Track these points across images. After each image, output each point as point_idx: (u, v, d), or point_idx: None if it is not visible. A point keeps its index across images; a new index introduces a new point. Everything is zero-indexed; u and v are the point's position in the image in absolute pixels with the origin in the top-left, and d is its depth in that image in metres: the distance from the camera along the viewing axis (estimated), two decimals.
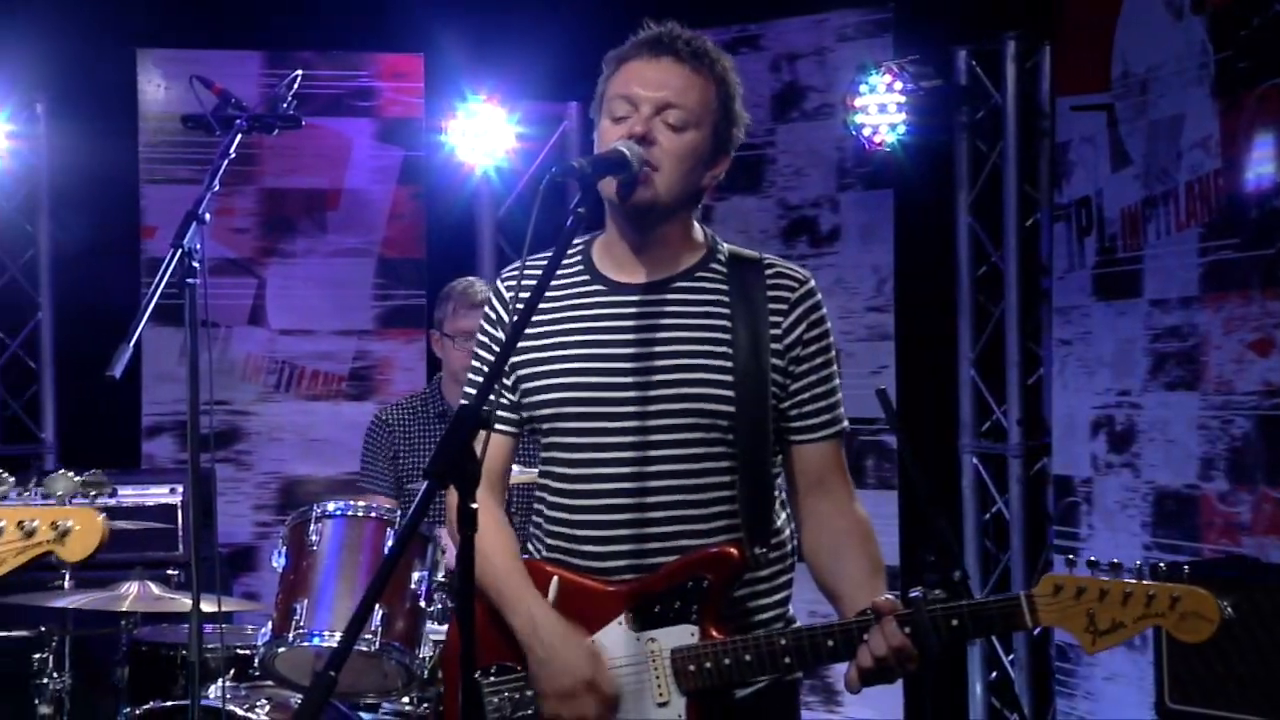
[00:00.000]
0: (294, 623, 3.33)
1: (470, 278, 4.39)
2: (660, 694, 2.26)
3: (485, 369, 2.40)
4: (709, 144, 2.31)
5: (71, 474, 2.12)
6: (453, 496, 2.09)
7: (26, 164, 5.58)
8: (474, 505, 1.82)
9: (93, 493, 2.13)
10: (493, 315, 2.44)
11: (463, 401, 2.26)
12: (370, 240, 5.63)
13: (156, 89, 5.42)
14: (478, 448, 1.86)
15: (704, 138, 2.30)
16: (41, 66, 5.35)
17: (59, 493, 2.11)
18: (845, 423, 2.41)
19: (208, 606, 3.02)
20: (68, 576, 3.72)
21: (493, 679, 2.33)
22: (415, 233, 5.65)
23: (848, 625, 2.23)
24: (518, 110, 5.65)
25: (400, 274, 5.64)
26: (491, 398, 2.01)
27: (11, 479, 2.12)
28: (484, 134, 5.63)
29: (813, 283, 2.39)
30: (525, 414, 2.40)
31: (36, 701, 3.61)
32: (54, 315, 5.71)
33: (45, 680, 3.61)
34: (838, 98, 5.14)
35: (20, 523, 2.09)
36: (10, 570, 2.12)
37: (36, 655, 3.63)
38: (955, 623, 2.19)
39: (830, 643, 2.23)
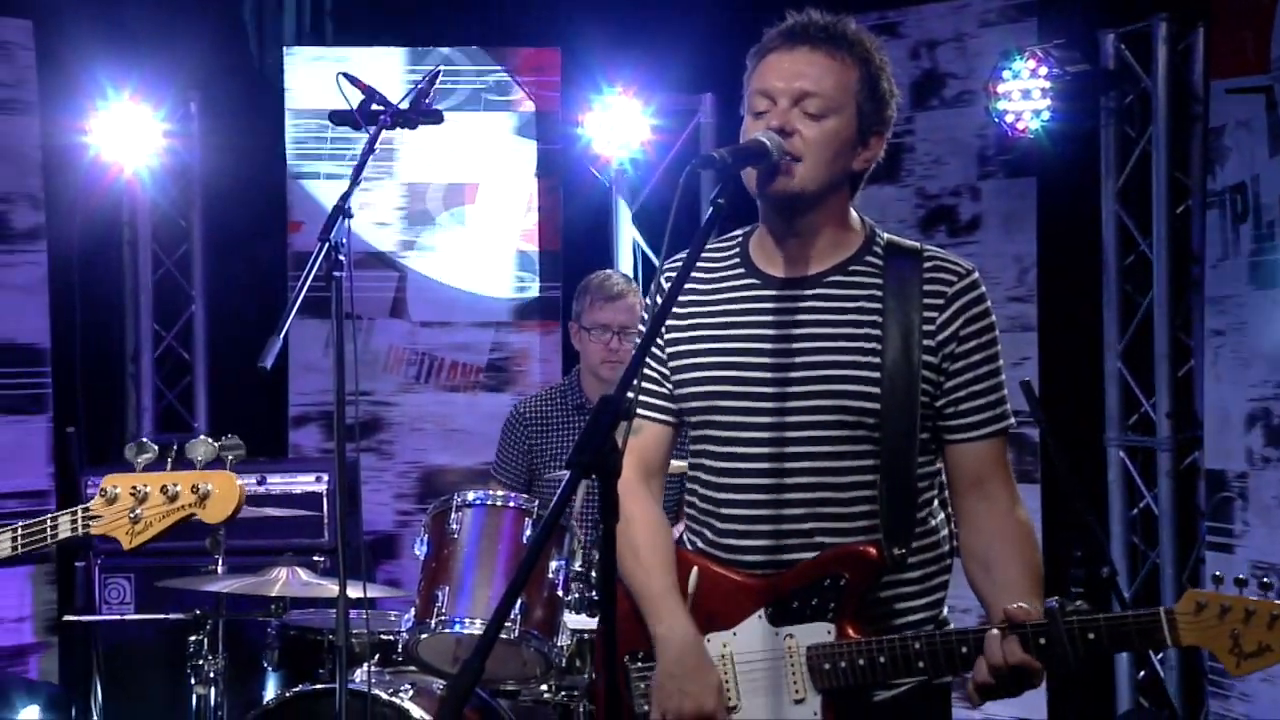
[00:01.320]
0: (436, 610, 3.38)
1: (607, 270, 4.40)
2: (796, 691, 2.24)
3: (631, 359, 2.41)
4: (853, 128, 2.27)
5: (209, 440, 2.18)
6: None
7: (181, 161, 5.78)
8: (616, 496, 1.82)
9: (229, 457, 2.18)
10: (652, 306, 2.45)
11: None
12: (508, 233, 5.69)
13: (302, 86, 5.56)
14: (619, 438, 1.87)
15: (846, 122, 2.26)
16: (195, 66, 5.54)
17: (199, 458, 2.17)
18: (1009, 421, 2.34)
19: (353, 592, 3.09)
20: (220, 561, 3.83)
21: (640, 665, 2.34)
22: (552, 225, 5.69)
23: (981, 632, 2.17)
24: (653, 102, 5.66)
25: (537, 266, 5.69)
26: (634, 387, 2.00)
27: (156, 448, 2.19)
28: (619, 126, 5.66)
29: (975, 275, 2.33)
30: (679, 405, 2.40)
31: (193, 681, 3.72)
32: (206, 308, 5.90)
33: (201, 661, 3.72)
34: (979, 84, 5.04)
35: (164, 487, 2.16)
36: (157, 533, 2.18)
37: (193, 637, 3.74)
38: (1091, 636, 2.12)
39: (964, 649, 2.18)
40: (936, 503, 2.36)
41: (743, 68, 2.35)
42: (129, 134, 5.58)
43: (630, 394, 1.94)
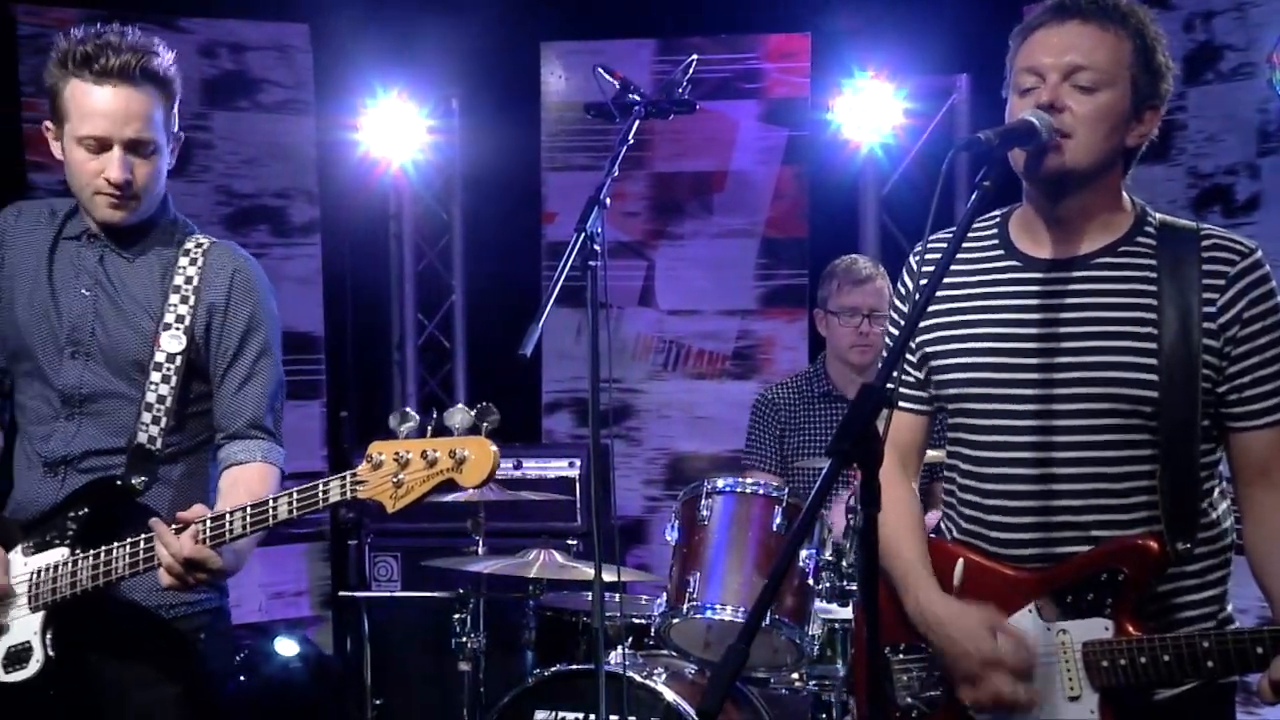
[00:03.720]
0: (688, 595, 3.41)
1: (853, 255, 4.35)
2: (1071, 688, 2.16)
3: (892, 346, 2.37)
4: (1126, 102, 2.18)
5: (466, 408, 2.25)
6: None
7: (443, 156, 6.01)
8: (877, 485, 1.80)
9: (485, 424, 2.24)
10: (903, 292, 2.41)
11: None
12: (754, 221, 5.68)
13: (558, 80, 5.69)
14: (880, 426, 1.84)
15: (1120, 96, 2.17)
16: (456, 64, 5.74)
17: (456, 425, 2.24)
18: None
19: (607, 576, 3.15)
20: (480, 543, 3.97)
21: (901, 657, 2.31)
22: (798, 212, 5.66)
23: (1278, 631, 2.06)
24: (905, 85, 5.55)
25: (783, 253, 5.66)
26: (895, 373, 1.98)
27: (418, 416, 2.27)
28: (870, 111, 5.57)
29: (1258, 254, 2.21)
30: (933, 392, 2.35)
31: (458, 658, 3.87)
32: (465, 297, 6.13)
33: (464, 638, 3.87)
34: (1261, 56, 4.74)
35: (424, 453, 2.24)
36: (418, 497, 2.26)
37: (456, 615, 3.89)
38: None
39: (1259, 649, 2.06)
40: (1217, 493, 2.25)
41: (1001, 46, 2.29)
42: (396, 131, 5.85)
43: (891, 382, 1.90)
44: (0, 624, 2.46)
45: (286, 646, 4.98)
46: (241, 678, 4.79)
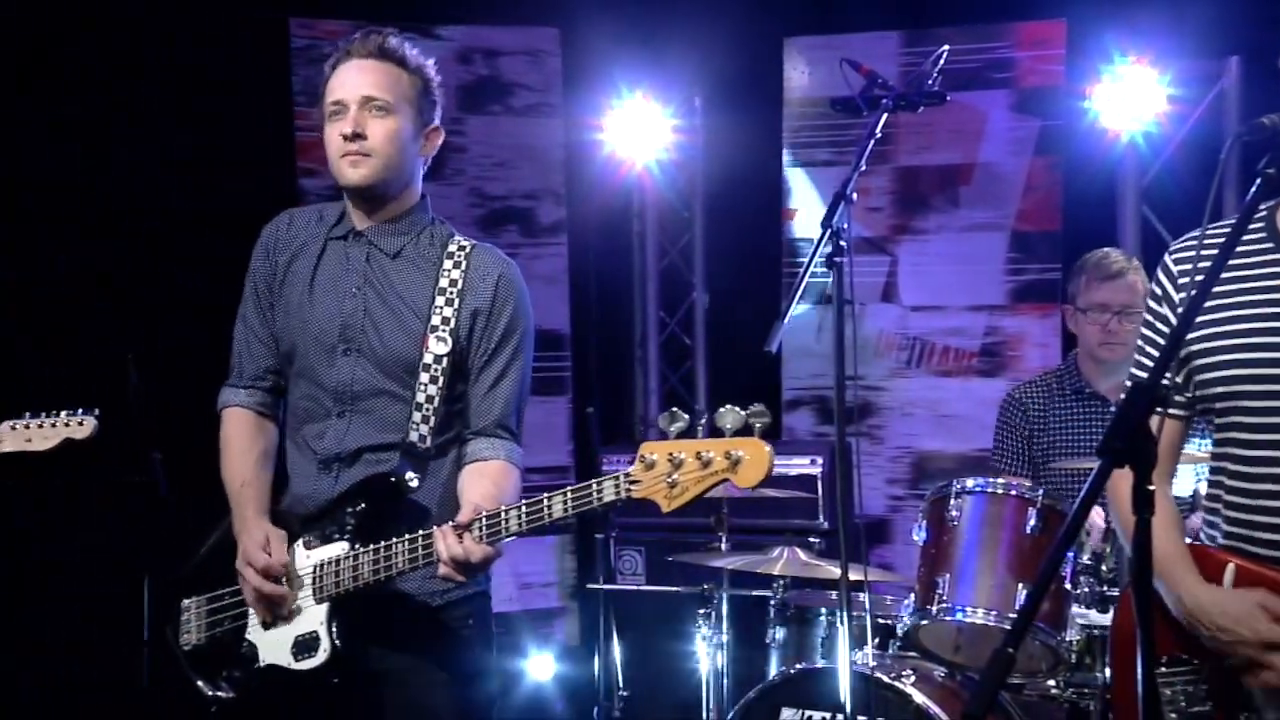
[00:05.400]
0: (937, 596, 3.36)
1: (1105, 249, 4.19)
2: None
3: (1153, 346, 2.27)
4: None
5: (737, 408, 2.25)
6: (1117, 479, 2.00)
7: (686, 154, 6.07)
8: (1151, 487, 1.72)
9: (757, 424, 2.25)
10: (1158, 291, 2.30)
11: (1134, 373, 2.14)
12: (1003, 214, 5.52)
13: (800, 75, 5.66)
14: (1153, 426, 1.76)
15: None
16: (700, 63, 5.79)
17: (728, 426, 2.25)
18: None
19: (853, 575, 3.12)
20: (724, 539, 3.99)
21: (1164, 669, 2.21)
22: (1051, 205, 5.47)
23: None
24: (1169, 70, 5.29)
25: (1034, 247, 5.49)
26: (1169, 372, 1.89)
27: (687, 417, 2.29)
28: (1131, 98, 5.33)
29: None
30: (1196, 393, 2.24)
31: (701, 652, 3.90)
32: (706, 295, 6.17)
33: (708, 633, 3.90)
34: None
35: (698, 454, 2.26)
36: (693, 498, 2.28)
37: (700, 610, 3.92)
38: None
39: None
40: None
41: (1275, 26, 2.14)
42: (640, 131, 5.94)
43: (1165, 380, 1.82)
44: (290, 613, 2.60)
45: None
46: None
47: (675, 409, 2.32)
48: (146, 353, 3.24)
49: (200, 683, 2.67)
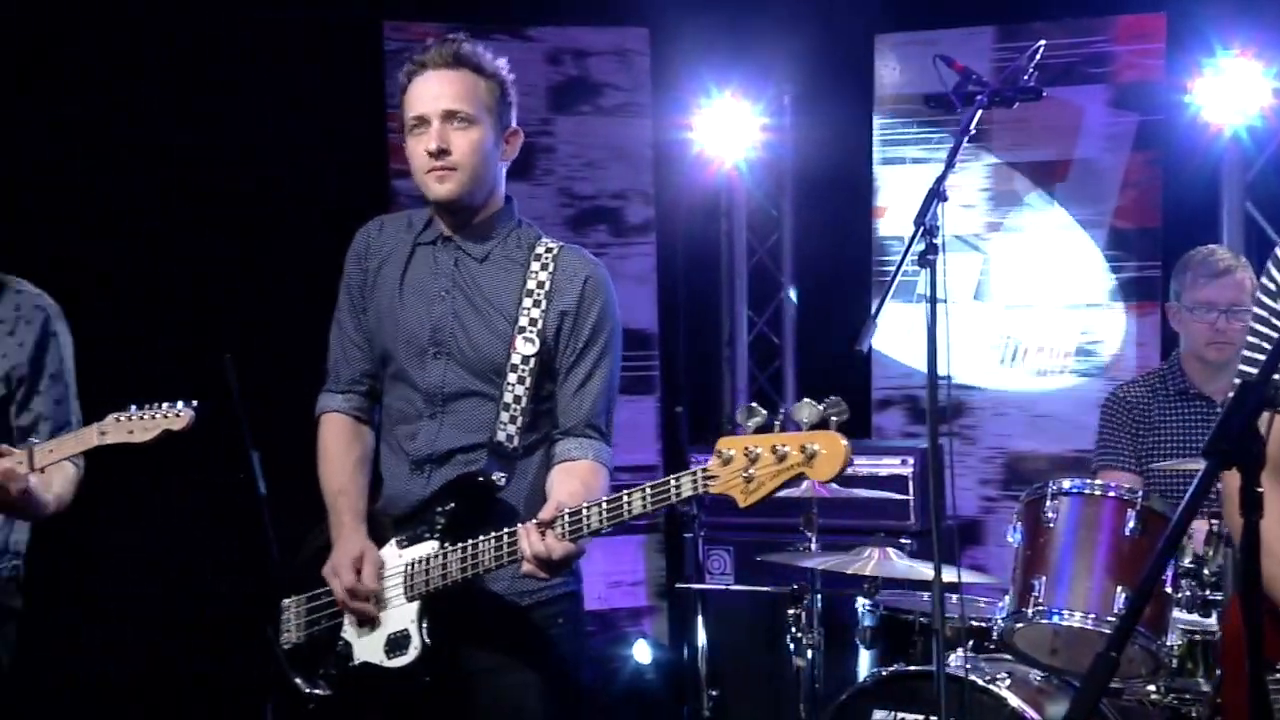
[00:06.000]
0: (1033, 599, 3.31)
1: (1211, 245, 4.11)
2: None
3: (1264, 341, 2.20)
4: None
5: (813, 402, 2.23)
6: (1232, 479, 1.94)
7: (775, 153, 6.04)
8: (1259, 489, 1.67)
9: (833, 417, 2.22)
10: (1271, 286, 2.23)
11: (1243, 369, 2.08)
12: (1100, 211, 5.42)
13: (891, 71, 5.60)
14: (1261, 427, 1.71)
15: None
16: (789, 61, 5.76)
17: (804, 419, 2.22)
18: None
19: (946, 577, 3.08)
20: (814, 539, 3.96)
21: (1278, 676, 2.15)
22: (1150, 201, 5.36)
23: None
24: (1274, 63, 5.16)
25: (1133, 245, 5.38)
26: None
27: (765, 411, 2.27)
28: (1234, 91, 5.20)
29: None
30: None
31: (793, 653, 3.88)
32: (795, 294, 6.13)
33: (799, 634, 3.87)
34: None
35: (774, 448, 2.23)
36: (769, 492, 2.26)
37: (790, 610, 3.89)
38: None
39: None
40: None
41: None
42: (729, 130, 5.92)
43: (1276, 377, 1.77)
44: (382, 613, 2.63)
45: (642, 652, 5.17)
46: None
47: (753, 404, 2.30)
48: (245, 353, 3.30)
49: (299, 680, 2.71)
